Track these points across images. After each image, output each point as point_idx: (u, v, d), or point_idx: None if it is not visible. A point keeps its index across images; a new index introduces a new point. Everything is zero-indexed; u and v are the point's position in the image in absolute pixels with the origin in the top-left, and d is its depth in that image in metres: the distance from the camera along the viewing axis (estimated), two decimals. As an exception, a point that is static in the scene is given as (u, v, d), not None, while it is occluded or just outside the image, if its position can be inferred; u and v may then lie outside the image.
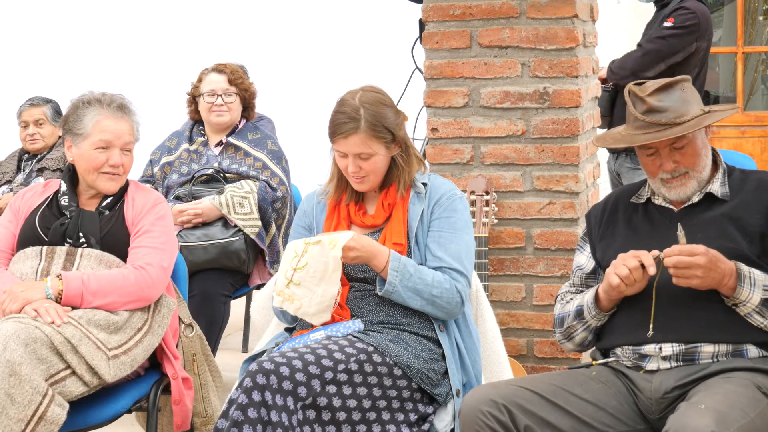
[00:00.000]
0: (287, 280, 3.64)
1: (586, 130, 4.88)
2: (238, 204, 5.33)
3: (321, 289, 3.60)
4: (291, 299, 3.64)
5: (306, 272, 3.61)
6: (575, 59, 4.71)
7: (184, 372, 4.11)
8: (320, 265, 3.59)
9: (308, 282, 3.61)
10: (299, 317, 3.70)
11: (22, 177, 6.05)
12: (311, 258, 3.60)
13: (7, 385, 3.48)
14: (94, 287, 3.83)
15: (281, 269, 3.69)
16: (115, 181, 4.14)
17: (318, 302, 3.61)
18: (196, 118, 5.73)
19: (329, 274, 3.59)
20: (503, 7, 4.77)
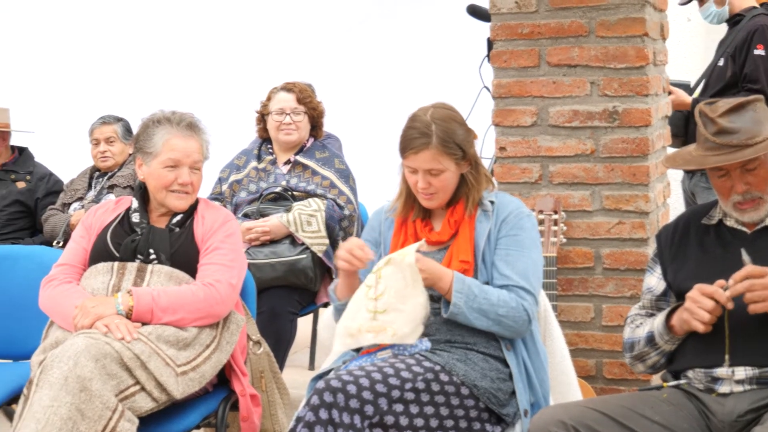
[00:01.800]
0: (372, 313, 3.60)
1: (657, 150, 4.84)
2: (305, 222, 5.35)
3: (409, 304, 3.57)
4: (383, 329, 3.60)
5: (388, 296, 3.58)
6: (645, 78, 4.67)
7: (252, 389, 4.12)
8: (399, 281, 3.56)
9: (394, 304, 3.57)
10: (397, 343, 3.66)
11: (93, 194, 6.11)
12: (387, 280, 3.58)
13: (77, 400, 3.50)
14: (164, 303, 3.85)
15: (357, 310, 3.65)
16: (184, 199, 4.17)
17: (411, 318, 3.57)
18: (264, 136, 5.76)
19: (411, 286, 3.56)
20: (572, 25, 4.75)
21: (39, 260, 4.66)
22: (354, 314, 3.65)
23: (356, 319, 3.64)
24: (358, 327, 3.63)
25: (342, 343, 3.71)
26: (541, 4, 4.78)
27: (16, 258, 4.74)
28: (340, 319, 3.73)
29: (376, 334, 3.61)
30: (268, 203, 5.53)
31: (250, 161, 5.72)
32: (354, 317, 3.65)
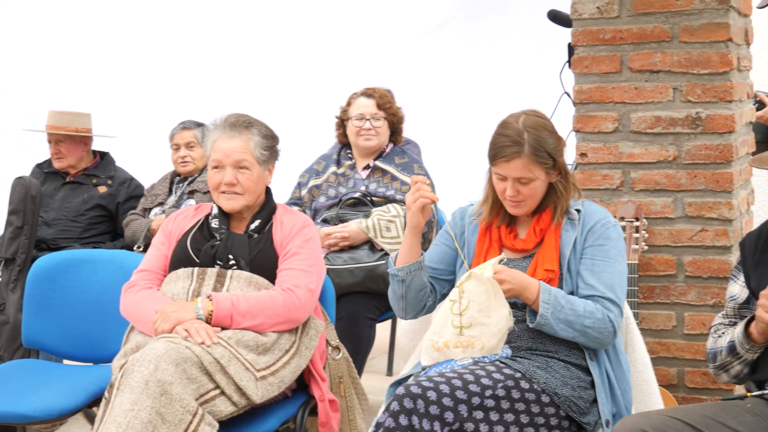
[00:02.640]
0: (458, 328, 3.60)
1: (740, 156, 4.78)
2: (384, 228, 5.35)
3: (493, 317, 3.56)
4: (471, 344, 3.60)
5: (472, 310, 3.57)
6: (729, 84, 4.62)
7: (330, 394, 4.12)
8: (481, 295, 3.55)
9: (479, 317, 3.57)
10: (486, 355, 3.65)
11: (173, 199, 6.15)
12: (470, 294, 3.57)
13: (158, 404, 3.52)
14: (243, 308, 3.86)
15: (443, 325, 3.65)
16: (234, 199, 4.17)
17: (496, 331, 3.57)
18: (344, 141, 5.77)
19: (494, 299, 3.55)
20: (655, 30, 4.70)
21: (120, 264, 4.70)
22: (440, 329, 3.65)
23: (443, 335, 3.64)
24: (445, 342, 3.63)
25: (429, 357, 3.71)
26: (623, 9, 4.74)
27: (97, 262, 4.78)
28: (426, 332, 3.73)
29: (465, 349, 3.62)
30: (347, 208, 5.53)
31: (330, 166, 5.72)
32: (440, 332, 3.65)
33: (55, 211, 6.33)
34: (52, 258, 4.85)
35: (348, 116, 5.66)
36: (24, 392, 4.23)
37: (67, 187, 6.47)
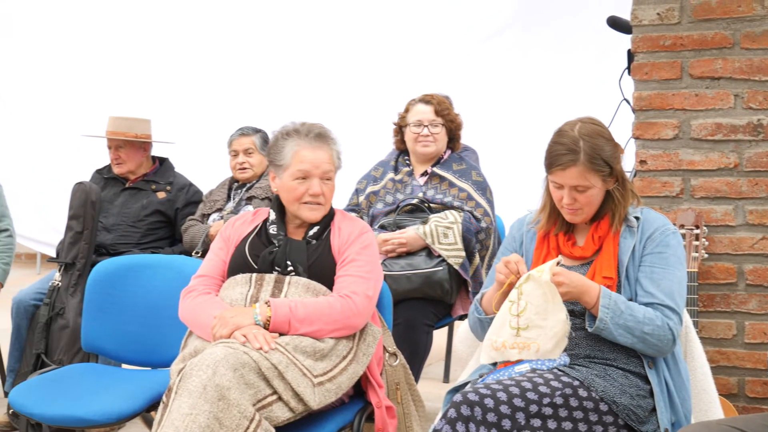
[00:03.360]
0: (515, 329, 3.59)
1: (803, 164, 4.73)
2: (442, 234, 5.34)
3: (550, 320, 3.55)
4: (527, 346, 3.59)
5: (529, 312, 3.56)
6: (791, 90, 4.58)
7: (387, 401, 4.11)
8: (539, 297, 3.54)
9: (535, 320, 3.56)
10: (541, 358, 3.63)
11: (231, 205, 6.18)
12: (528, 296, 3.56)
13: (216, 408, 3.53)
14: (301, 314, 3.87)
15: (501, 325, 3.64)
16: (317, 210, 4.18)
17: (552, 334, 3.56)
18: (401, 147, 5.77)
19: (551, 303, 3.54)
20: (716, 37, 4.66)
21: (179, 270, 4.73)
22: (499, 329, 3.65)
23: (501, 335, 3.64)
24: (502, 342, 3.63)
25: (488, 356, 3.71)
26: (683, 15, 4.70)
27: (156, 267, 4.81)
28: (487, 331, 3.72)
29: (520, 351, 3.60)
30: (405, 215, 5.53)
31: (387, 173, 5.73)
32: (499, 332, 3.65)
33: (115, 216, 6.37)
34: (112, 263, 4.89)
35: (406, 122, 5.66)
36: (83, 396, 4.26)
37: (127, 192, 6.51)
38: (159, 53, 10.44)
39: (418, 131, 5.59)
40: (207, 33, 10.21)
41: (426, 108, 5.62)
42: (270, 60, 9.92)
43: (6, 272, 6.56)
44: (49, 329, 5.78)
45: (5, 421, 5.79)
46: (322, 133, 4.19)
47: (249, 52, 10.03)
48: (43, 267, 11.42)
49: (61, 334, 5.72)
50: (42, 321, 5.78)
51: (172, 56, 10.39)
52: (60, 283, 5.87)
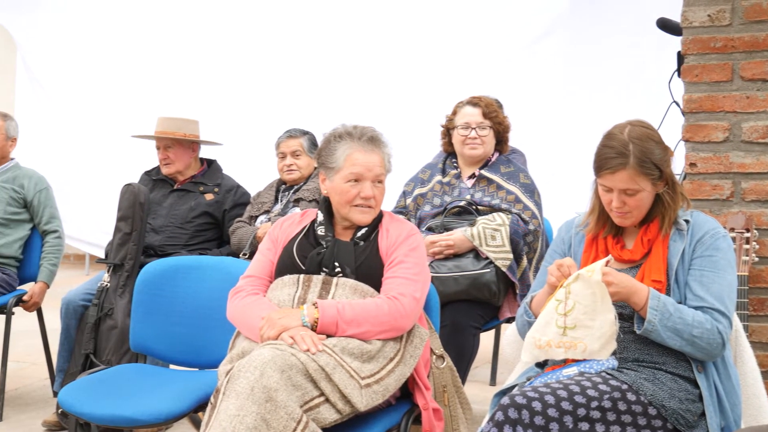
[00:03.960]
0: (561, 328, 3.57)
1: None
2: (489, 236, 5.33)
3: (598, 321, 3.53)
4: (573, 345, 3.57)
5: (577, 312, 3.54)
6: (843, 92, 4.53)
7: (434, 403, 4.10)
8: (588, 297, 3.52)
9: (583, 320, 3.54)
10: (588, 359, 3.62)
11: (279, 207, 6.19)
12: (576, 296, 3.54)
13: (263, 410, 3.53)
14: (348, 316, 3.87)
15: (547, 323, 3.62)
16: (367, 213, 4.18)
17: (600, 335, 3.54)
18: (449, 150, 5.76)
19: (600, 303, 3.51)
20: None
21: (226, 271, 4.74)
22: (543, 327, 3.62)
23: (546, 333, 3.61)
24: (548, 341, 3.60)
25: (530, 355, 3.69)
26: (735, 17, 4.66)
27: (204, 269, 4.83)
28: (530, 329, 3.70)
29: (567, 350, 3.58)
30: (452, 217, 5.52)
31: (435, 175, 5.72)
32: (544, 331, 3.62)
33: (163, 217, 6.40)
34: (160, 264, 4.91)
35: (454, 125, 5.65)
36: (132, 396, 4.28)
37: (175, 194, 6.54)
38: (208, 56, 10.49)
39: (465, 134, 5.58)
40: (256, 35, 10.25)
41: (474, 110, 5.61)
42: (319, 62, 9.93)
43: (53, 273, 6.62)
44: (97, 330, 5.82)
45: (54, 420, 5.84)
46: (374, 136, 4.20)
47: (298, 54, 10.06)
48: (92, 268, 11.50)
49: (110, 335, 5.75)
50: (91, 321, 5.83)
51: (221, 59, 10.43)
52: (109, 284, 5.91)
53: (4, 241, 6.55)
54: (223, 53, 10.41)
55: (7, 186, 6.65)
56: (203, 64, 10.50)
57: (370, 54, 9.76)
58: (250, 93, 10.22)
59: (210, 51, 10.48)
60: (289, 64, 10.10)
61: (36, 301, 6.50)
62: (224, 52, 10.40)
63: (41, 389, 6.76)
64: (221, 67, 10.42)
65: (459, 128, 5.60)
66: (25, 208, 6.68)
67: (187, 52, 10.59)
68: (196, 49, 10.54)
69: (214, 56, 10.46)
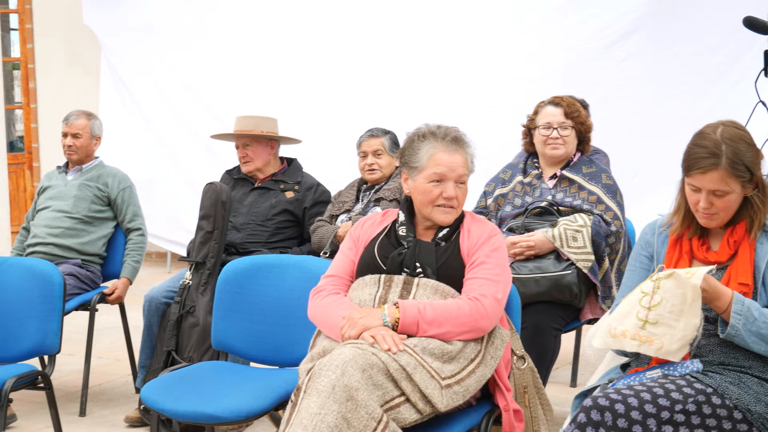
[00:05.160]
0: (642, 321, 3.52)
1: None
2: (571, 237, 5.29)
3: (682, 322, 3.48)
4: (650, 341, 3.52)
5: (663, 308, 3.49)
6: None
7: (515, 404, 4.08)
8: (677, 297, 3.47)
9: (667, 318, 3.49)
10: (660, 357, 3.58)
11: (360, 206, 6.19)
12: (666, 293, 3.48)
13: (344, 409, 3.54)
14: (429, 316, 3.86)
15: (628, 313, 3.58)
16: (449, 213, 4.17)
17: (680, 337, 3.49)
18: (530, 150, 5.73)
19: (689, 306, 3.45)
20: None
21: (307, 270, 4.76)
22: (623, 317, 3.57)
23: (624, 323, 3.56)
24: (623, 330, 3.56)
25: (602, 341, 3.65)
26: (823, 14, 4.59)
27: (285, 267, 4.85)
28: (609, 316, 3.67)
29: (641, 344, 3.53)
30: (533, 218, 5.49)
31: (516, 175, 5.69)
32: (622, 320, 3.58)
33: (244, 216, 6.44)
34: (241, 262, 4.94)
35: (535, 125, 5.62)
36: (213, 393, 4.31)
37: (256, 192, 6.57)
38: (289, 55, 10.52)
39: (547, 133, 5.54)
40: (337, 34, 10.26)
41: (555, 110, 5.56)
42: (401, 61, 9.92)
43: (136, 270, 6.70)
44: (179, 327, 5.87)
45: (136, 416, 5.89)
46: (458, 136, 4.19)
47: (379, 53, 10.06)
48: (174, 266, 11.60)
49: (192, 332, 5.80)
50: (173, 319, 5.88)
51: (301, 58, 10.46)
52: (190, 281, 5.96)
53: (89, 238, 6.65)
54: (303, 52, 10.44)
55: (92, 184, 6.74)
56: (284, 64, 10.54)
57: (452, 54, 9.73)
58: (331, 91, 10.25)
59: (291, 50, 10.51)
60: (370, 63, 10.10)
61: (119, 295, 6.58)
62: (305, 51, 10.43)
63: (123, 385, 6.83)
64: (302, 67, 10.45)
65: (540, 128, 5.56)
66: (109, 206, 6.77)
67: (267, 52, 10.63)
68: (276, 49, 10.58)
69: (295, 55, 10.49)
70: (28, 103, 12.82)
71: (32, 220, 6.85)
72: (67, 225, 6.63)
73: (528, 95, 7.08)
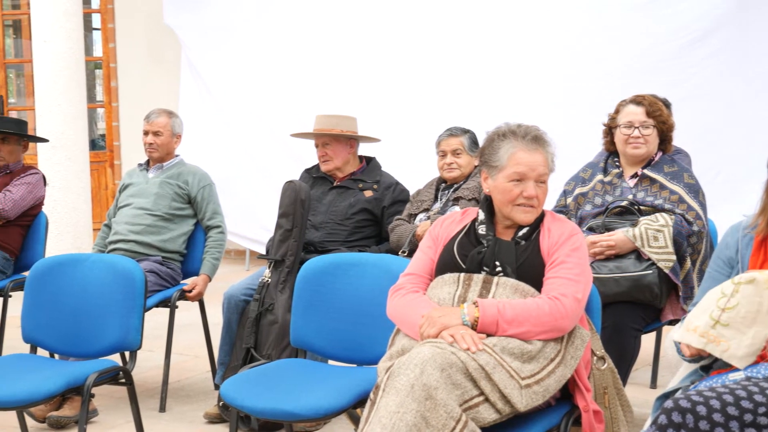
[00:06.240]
0: (713, 320, 3.50)
1: None
2: (652, 237, 5.24)
3: (753, 330, 3.44)
4: (716, 341, 3.50)
5: (736, 313, 3.46)
6: None
7: (595, 405, 4.05)
8: (753, 305, 3.43)
9: (738, 323, 3.46)
10: (724, 360, 3.54)
11: (438, 205, 6.19)
12: (743, 298, 3.45)
13: (423, 408, 3.54)
14: (509, 316, 3.84)
15: (704, 309, 3.55)
16: (530, 212, 4.15)
17: (748, 344, 3.46)
18: (611, 149, 5.68)
19: (763, 315, 3.43)
20: None
21: (386, 268, 4.76)
22: (700, 313, 3.57)
23: (699, 319, 3.56)
24: (695, 326, 3.55)
25: (680, 334, 3.65)
26: None
27: (364, 265, 4.86)
28: (693, 308, 3.64)
29: (708, 342, 3.51)
30: (614, 217, 5.45)
31: (596, 174, 5.65)
32: (699, 316, 3.57)
33: (323, 214, 6.46)
34: (320, 261, 4.96)
35: (616, 124, 5.57)
36: (292, 391, 4.32)
37: (334, 191, 6.59)
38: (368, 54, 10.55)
39: (628, 132, 5.49)
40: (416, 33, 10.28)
41: (637, 109, 5.51)
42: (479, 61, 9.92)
43: (215, 267, 6.76)
44: (258, 324, 5.91)
45: (215, 413, 5.94)
46: (538, 135, 4.17)
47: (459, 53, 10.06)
48: (252, 264, 11.67)
49: (270, 330, 5.83)
50: (252, 316, 5.92)
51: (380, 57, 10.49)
52: (269, 279, 5.99)
53: (169, 236, 6.71)
54: (383, 51, 10.46)
55: (172, 182, 6.80)
56: (364, 63, 10.57)
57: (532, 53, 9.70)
58: (410, 90, 10.26)
59: (370, 49, 10.54)
60: (449, 62, 10.10)
61: (199, 291, 6.64)
62: (384, 50, 10.45)
63: (203, 382, 6.89)
64: (381, 66, 10.47)
65: (622, 127, 5.52)
66: (189, 203, 6.83)
67: (347, 51, 10.67)
68: (356, 47, 10.62)
69: (375, 54, 10.52)
70: (109, 102, 12.98)
71: (114, 217, 6.94)
72: (148, 222, 6.70)
73: (608, 94, 7.03)
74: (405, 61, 10.34)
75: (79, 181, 9.21)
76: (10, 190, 7.01)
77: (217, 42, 11.41)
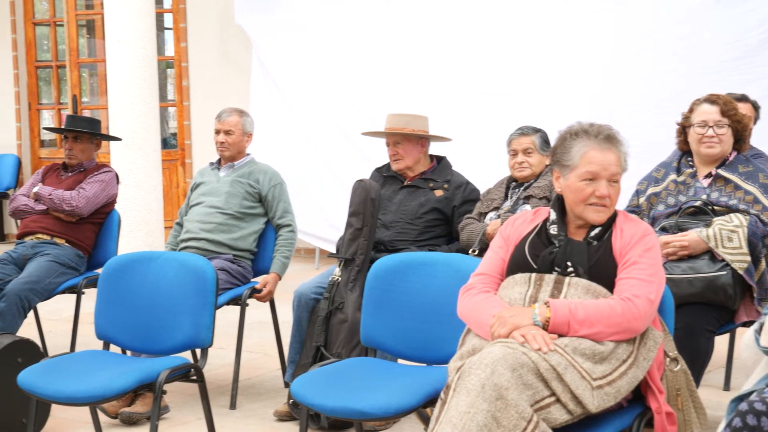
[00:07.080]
0: None
1: None
2: (726, 238, 5.18)
3: None
4: None
5: None
6: None
7: (668, 407, 4.01)
8: None
9: None
10: None
11: (509, 204, 6.17)
12: None
13: (494, 408, 3.53)
14: (581, 316, 3.82)
15: None
16: (602, 212, 4.12)
17: None
18: (685, 149, 5.62)
19: None
20: None
21: (456, 268, 4.75)
22: None
23: None
24: None
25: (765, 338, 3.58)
26: None
27: (434, 265, 4.85)
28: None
29: None
30: (687, 217, 5.39)
31: (669, 174, 5.60)
32: None
33: (393, 213, 6.46)
34: (390, 260, 4.95)
35: (690, 123, 5.51)
36: (362, 389, 4.33)
37: (405, 190, 6.59)
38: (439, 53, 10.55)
39: (702, 132, 5.43)
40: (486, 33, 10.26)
41: (711, 108, 5.45)
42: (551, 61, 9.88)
43: (285, 265, 6.79)
44: (328, 323, 5.93)
45: (285, 410, 5.96)
46: (611, 135, 4.14)
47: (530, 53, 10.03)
48: (322, 262, 11.70)
49: (340, 328, 5.84)
50: (322, 315, 5.94)
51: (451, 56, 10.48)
52: (340, 278, 6.00)
53: (240, 234, 6.75)
54: (454, 51, 10.46)
55: (243, 181, 6.84)
56: (434, 62, 10.56)
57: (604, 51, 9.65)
58: (481, 89, 10.24)
59: (441, 49, 10.54)
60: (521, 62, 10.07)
61: (270, 290, 6.67)
62: (456, 49, 10.44)
63: (273, 380, 6.92)
64: (452, 65, 10.47)
65: (696, 126, 5.46)
66: (260, 202, 6.86)
67: (418, 50, 10.67)
68: (427, 47, 10.62)
69: (446, 54, 10.51)
70: (181, 101, 13.07)
71: (185, 215, 6.99)
72: (219, 221, 6.74)
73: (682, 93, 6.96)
74: (476, 60, 10.32)
75: (151, 179, 9.27)
76: (84, 188, 7.09)
77: (287, 41, 11.45)
